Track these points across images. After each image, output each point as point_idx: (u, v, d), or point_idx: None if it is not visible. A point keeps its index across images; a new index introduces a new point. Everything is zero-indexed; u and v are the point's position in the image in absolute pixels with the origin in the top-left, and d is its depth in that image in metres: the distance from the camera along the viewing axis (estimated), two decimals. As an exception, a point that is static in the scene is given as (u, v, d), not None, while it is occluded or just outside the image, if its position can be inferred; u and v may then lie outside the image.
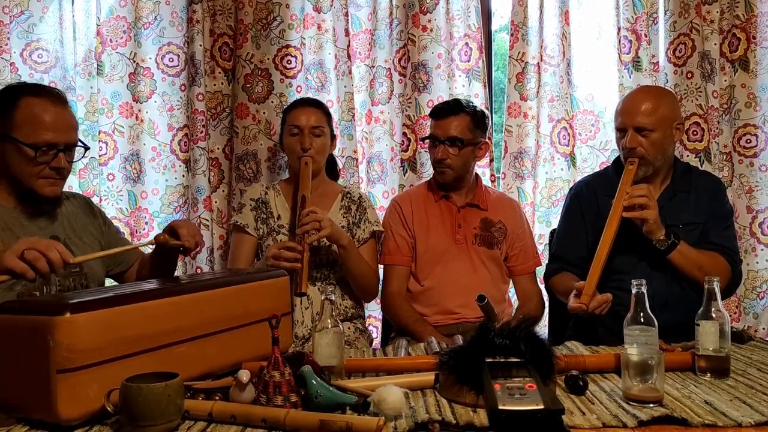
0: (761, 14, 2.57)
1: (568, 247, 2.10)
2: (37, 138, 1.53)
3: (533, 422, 1.03)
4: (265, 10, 2.53)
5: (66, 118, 1.59)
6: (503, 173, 2.65)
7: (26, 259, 1.31)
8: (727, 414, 1.16)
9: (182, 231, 1.61)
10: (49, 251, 1.33)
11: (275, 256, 1.86)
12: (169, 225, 1.66)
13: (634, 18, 2.60)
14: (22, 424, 1.15)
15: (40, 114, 1.54)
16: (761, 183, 2.58)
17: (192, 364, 1.30)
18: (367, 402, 1.17)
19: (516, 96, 2.61)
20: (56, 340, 1.09)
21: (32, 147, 1.52)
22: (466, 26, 2.61)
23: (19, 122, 1.53)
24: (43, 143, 1.53)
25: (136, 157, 2.54)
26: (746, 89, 2.58)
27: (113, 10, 2.52)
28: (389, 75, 2.63)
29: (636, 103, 1.94)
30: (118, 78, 2.53)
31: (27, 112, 1.54)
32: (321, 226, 1.90)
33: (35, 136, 1.52)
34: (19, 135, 1.53)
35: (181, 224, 1.64)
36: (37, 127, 1.53)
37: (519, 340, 1.26)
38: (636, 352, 1.27)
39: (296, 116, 2.13)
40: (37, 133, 1.53)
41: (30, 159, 1.53)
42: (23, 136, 1.52)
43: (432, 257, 2.16)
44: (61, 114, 1.58)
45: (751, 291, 2.59)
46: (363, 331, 2.18)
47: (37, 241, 1.35)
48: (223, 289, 1.42)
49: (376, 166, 2.66)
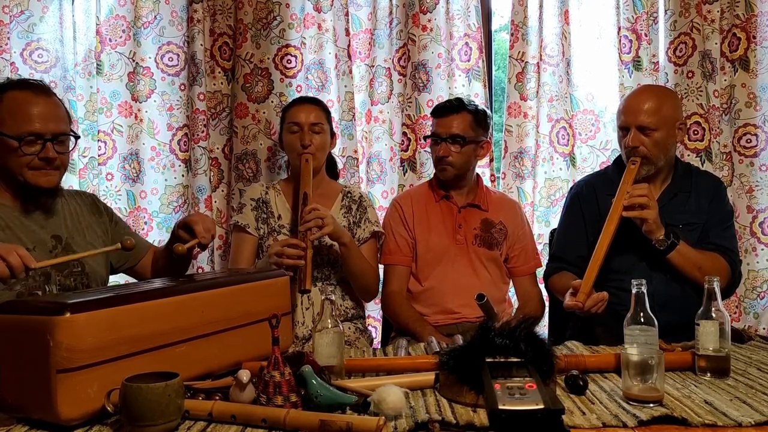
0: (761, 14, 2.57)
1: (567, 246, 2.10)
2: (19, 129, 1.53)
3: (533, 422, 1.03)
4: (265, 10, 2.53)
5: (50, 109, 1.59)
6: (503, 173, 2.65)
7: None
8: (727, 414, 1.16)
9: (198, 228, 1.58)
10: (9, 255, 1.32)
11: (278, 254, 1.85)
12: (183, 220, 1.64)
13: (635, 17, 2.60)
14: (22, 424, 1.15)
15: (22, 105, 1.55)
16: (761, 183, 2.58)
17: (192, 364, 1.30)
18: (367, 402, 1.17)
19: (516, 96, 2.61)
20: (56, 340, 1.09)
21: (15, 138, 1.53)
22: (466, 26, 2.61)
23: (3, 116, 1.54)
24: (26, 133, 1.53)
25: (136, 157, 2.54)
26: (746, 89, 2.58)
27: (113, 10, 2.52)
28: (389, 74, 2.63)
29: (639, 102, 1.94)
30: (117, 77, 2.53)
31: (10, 105, 1.55)
32: (323, 223, 1.90)
33: (18, 127, 1.53)
34: (4, 128, 1.54)
35: (196, 220, 1.61)
36: (19, 119, 1.53)
37: (519, 340, 1.26)
38: (636, 352, 1.27)
39: (295, 113, 2.13)
40: (19, 124, 1.53)
41: (14, 150, 1.53)
42: (7, 128, 1.53)
43: (432, 257, 2.16)
44: (44, 104, 1.57)
45: (751, 291, 2.59)
46: (363, 331, 2.17)
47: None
48: (223, 289, 1.42)
49: (376, 165, 2.66)
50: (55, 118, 1.59)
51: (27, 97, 1.56)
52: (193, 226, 1.59)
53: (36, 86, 1.60)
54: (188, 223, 1.61)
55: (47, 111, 1.57)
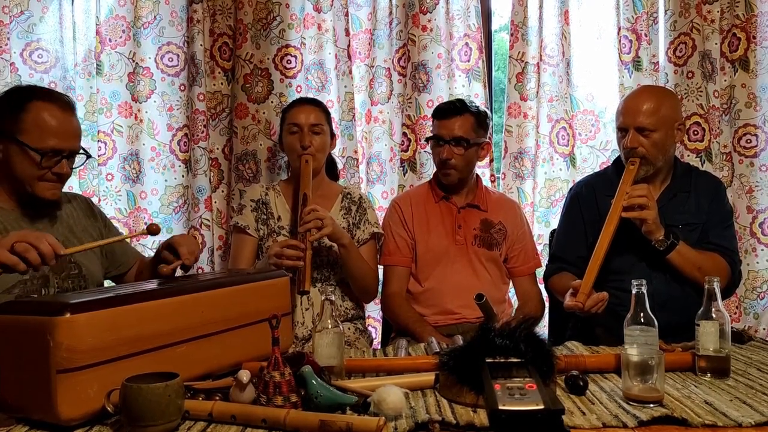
0: (761, 14, 2.57)
1: (567, 247, 2.10)
2: (44, 143, 1.53)
3: (533, 422, 1.02)
4: (265, 10, 2.53)
5: (73, 126, 1.60)
6: (503, 173, 2.65)
7: (16, 251, 1.30)
8: (727, 414, 1.16)
9: (182, 249, 1.58)
10: (40, 243, 1.32)
11: (278, 255, 1.85)
12: (167, 241, 1.63)
13: (635, 18, 2.60)
14: (22, 424, 1.15)
15: (49, 120, 1.55)
16: (761, 183, 2.58)
17: (192, 364, 1.30)
18: (367, 402, 1.17)
19: (516, 96, 2.61)
20: (56, 340, 1.09)
21: (39, 152, 1.53)
22: (466, 26, 2.61)
23: (27, 126, 1.54)
24: (49, 149, 1.54)
25: (135, 157, 2.54)
26: (746, 89, 2.58)
27: (113, 10, 2.52)
28: (389, 75, 2.63)
29: (638, 103, 1.94)
30: (117, 78, 2.53)
31: (36, 117, 1.54)
32: (323, 224, 1.90)
33: (43, 141, 1.53)
34: (27, 139, 1.53)
35: (181, 242, 1.61)
36: (45, 133, 1.53)
37: (519, 340, 1.26)
38: (636, 352, 1.27)
39: (295, 114, 2.13)
40: (44, 139, 1.53)
41: (35, 163, 1.54)
42: (31, 140, 1.53)
43: (432, 258, 2.16)
44: (68, 121, 1.59)
45: (751, 291, 2.59)
46: (363, 331, 2.17)
47: (26, 234, 1.34)
48: (223, 290, 1.42)
49: (375, 166, 2.66)
50: (75, 136, 1.61)
51: (54, 112, 1.56)
52: (177, 248, 1.59)
53: (62, 101, 1.60)
54: (172, 244, 1.61)
55: (71, 128, 1.59)
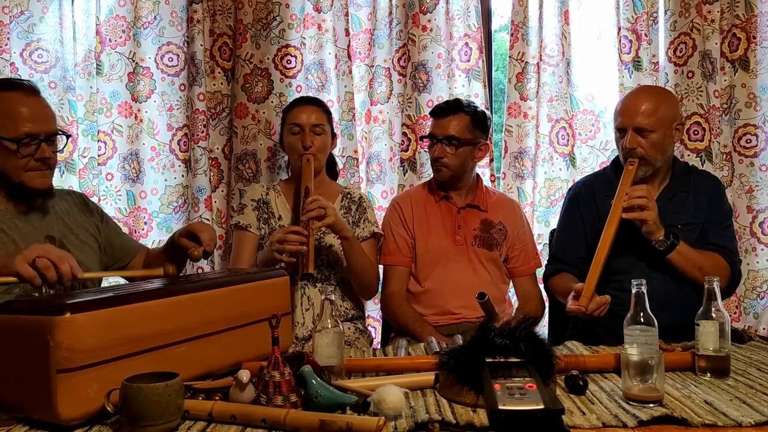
0: (761, 14, 2.57)
1: (566, 248, 2.10)
2: (17, 131, 1.53)
3: (533, 422, 1.03)
4: (265, 10, 2.53)
5: (42, 108, 1.59)
6: (503, 173, 2.65)
7: (37, 266, 1.32)
8: (727, 414, 1.16)
9: (203, 236, 1.59)
10: (61, 263, 1.35)
11: (280, 240, 1.84)
12: (185, 229, 1.64)
13: (635, 18, 2.60)
14: (22, 424, 1.15)
15: (15, 106, 1.54)
16: (761, 183, 2.58)
17: (192, 364, 1.30)
18: (367, 402, 1.17)
19: (516, 96, 2.61)
20: (56, 340, 1.09)
21: (13, 140, 1.52)
22: (466, 26, 2.61)
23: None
24: (23, 135, 1.53)
25: (135, 157, 2.54)
26: (746, 89, 2.58)
27: (113, 10, 2.52)
28: (389, 75, 2.63)
29: (636, 104, 1.94)
30: (117, 78, 2.53)
31: (2, 107, 1.54)
32: (326, 213, 1.89)
33: (15, 129, 1.53)
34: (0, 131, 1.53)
35: (201, 228, 1.62)
36: (15, 120, 1.53)
37: (519, 340, 1.26)
38: (636, 352, 1.27)
39: (296, 115, 2.13)
40: (16, 126, 1.53)
41: (13, 152, 1.53)
42: (4, 131, 1.53)
43: (432, 258, 2.16)
44: (37, 104, 1.58)
45: (751, 291, 2.59)
46: (363, 331, 2.17)
47: (50, 251, 1.36)
48: (223, 289, 1.42)
49: (375, 166, 2.66)
50: (46, 118, 1.59)
51: (18, 98, 1.55)
52: (198, 234, 1.60)
53: (25, 86, 1.59)
54: (192, 231, 1.62)
55: (39, 111, 1.58)
